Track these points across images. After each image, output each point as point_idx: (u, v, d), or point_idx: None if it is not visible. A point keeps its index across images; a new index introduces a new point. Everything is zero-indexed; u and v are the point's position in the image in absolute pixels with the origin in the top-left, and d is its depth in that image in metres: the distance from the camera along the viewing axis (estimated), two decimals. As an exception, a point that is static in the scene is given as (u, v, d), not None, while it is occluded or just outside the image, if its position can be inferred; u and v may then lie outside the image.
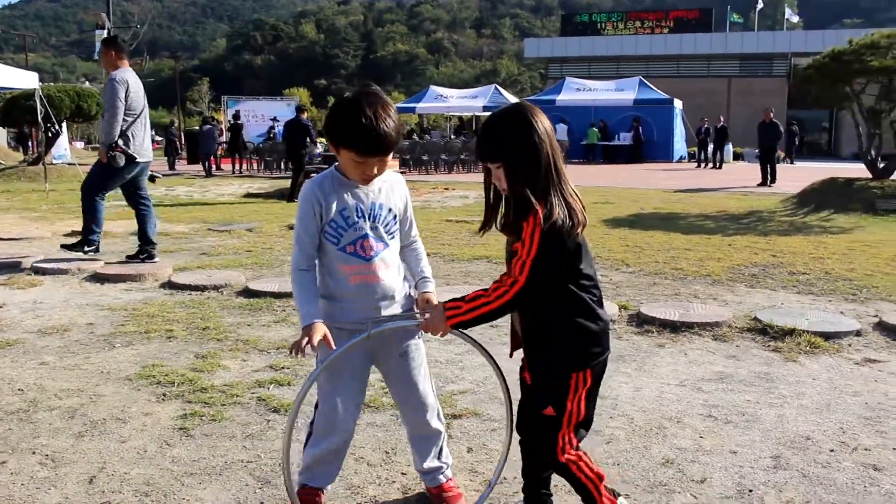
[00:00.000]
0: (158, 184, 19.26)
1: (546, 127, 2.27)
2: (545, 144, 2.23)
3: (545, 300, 2.23)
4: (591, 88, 34.06)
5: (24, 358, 4.49)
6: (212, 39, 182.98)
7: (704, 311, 5.41)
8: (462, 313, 2.25)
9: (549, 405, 2.29)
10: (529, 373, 2.36)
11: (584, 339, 2.27)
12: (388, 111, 2.38)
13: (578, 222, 2.21)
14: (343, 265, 2.46)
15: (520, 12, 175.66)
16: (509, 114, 2.29)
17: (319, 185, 2.47)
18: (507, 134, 2.25)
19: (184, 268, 7.22)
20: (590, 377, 2.29)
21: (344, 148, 2.37)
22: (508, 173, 2.23)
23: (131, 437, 3.30)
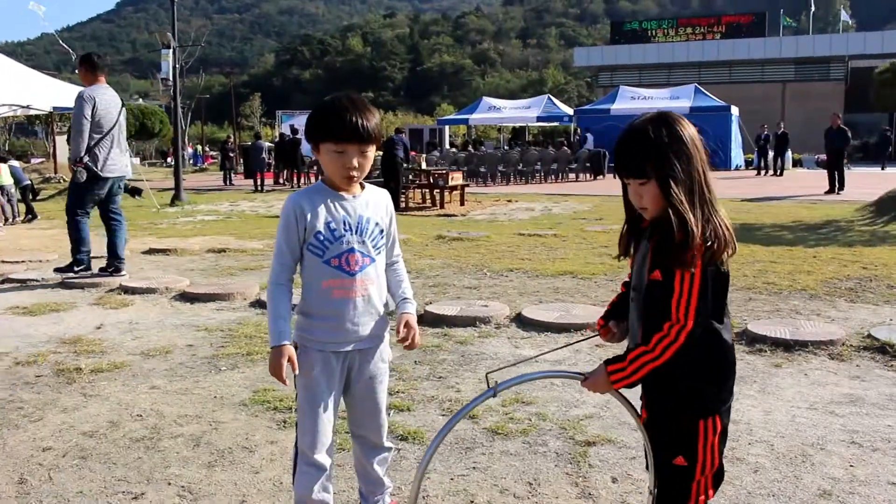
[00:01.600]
0: (224, 198, 19.58)
1: (696, 136, 2.03)
2: (698, 156, 2.00)
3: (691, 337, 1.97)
4: (645, 97, 33.67)
5: (135, 381, 4.53)
6: (260, 55, 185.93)
7: (814, 328, 5.24)
8: (627, 375, 2.02)
9: (679, 454, 2.06)
10: (647, 412, 2.16)
11: (717, 382, 2.05)
12: (365, 105, 2.40)
13: (734, 248, 1.99)
14: (327, 279, 2.40)
15: (565, 21, 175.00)
16: (658, 122, 2.02)
17: (306, 196, 2.43)
18: (659, 144, 1.98)
19: (269, 286, 7.25)
20: (719, 422, 2.05)
21: (323, 142, 2.36)
22: (664, 190, 1.96)
23: (263, 467, 3.28)
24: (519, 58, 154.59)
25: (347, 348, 2.46)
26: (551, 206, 16.10)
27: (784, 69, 48.95)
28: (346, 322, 2.43)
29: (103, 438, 3.62)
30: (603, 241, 10.24)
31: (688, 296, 1.92)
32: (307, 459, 2.47)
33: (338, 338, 2.43)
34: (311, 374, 2.43)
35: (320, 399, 2.44)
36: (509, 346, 5.21)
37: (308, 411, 2.45)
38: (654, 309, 2.00)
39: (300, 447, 2.49)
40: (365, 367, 2.52)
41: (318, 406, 2.44)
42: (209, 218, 14.64)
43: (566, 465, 3.21)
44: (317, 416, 2.45)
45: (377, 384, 2.56)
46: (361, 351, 2.49)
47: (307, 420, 2.46)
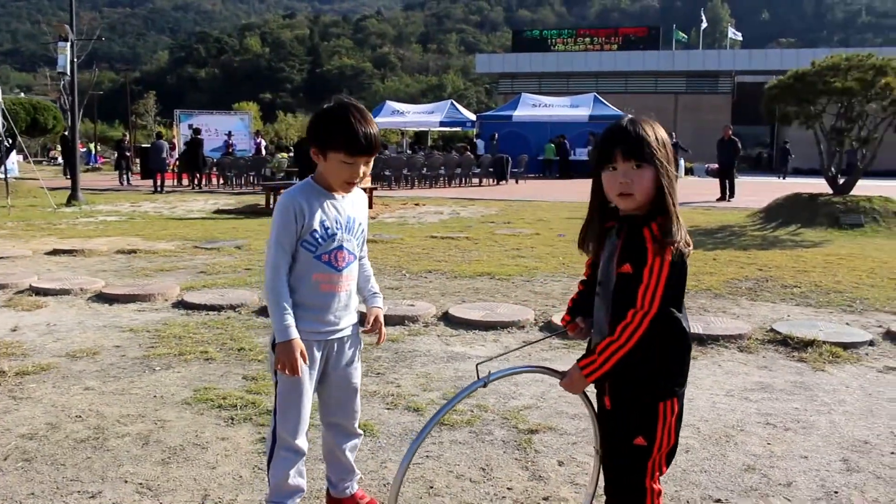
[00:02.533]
0: (124, 199, 18.97)
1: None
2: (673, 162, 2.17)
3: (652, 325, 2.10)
4: (546, 104, 34.56)
5: (66, 383, 4.44)
6: (153, 52, 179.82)
7: (723, 324, 5.63)
8: (599, 366, 2.15)
9: (639, 435, 2.20)
10: (610, 398, 2.27)
11: (675, 367, 2.21)
12: (370, 119, 2.54)
13: (691, 242, 2.16)
14: (316, 273, 2.55)
15: (465, 27, 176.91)
16: (651, 122, 2.18)
17: (302, 195, 2.55)
18: (660, 139, 2.15)
19: (190, 287, 7.17)
20: (677, 404, 2.22)
21: (333, 151, 2.48)
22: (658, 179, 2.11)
23: (219, 462, 3.31)
24: (419, 62, 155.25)
25: (329, 337, 2.60)
26: (459, 210, 16.36)
27: (676, 81, 51.19)
28: (331, 314, 2.58)
29: (45, 440, 3.57)
30: (513, 244, 10.55)
31: (655, 284, 2.06)
32: (287, 445, 2.57)
33: (322, 328, 2.57)
34: None
35: (304, 385, 2.55)
36: (440, 343, 5.37)
37: (293, 398, 2.56)
38: (623, 301, 2.14)
39: (280, 433, 2.58)
40: (342, 354, 2.65)
41: (302, 392, 2.56)
42: (111, 219, 14.19)
43: (514, 452, 3.40)
44: (301, 401, 2.56)
45: (353, 370, 2.70)
46: (340, 339, 2.64)
47: (292, 406, 2.56)
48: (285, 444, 2.58)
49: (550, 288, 7.29)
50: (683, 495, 2.98)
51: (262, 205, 16.90)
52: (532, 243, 10.56)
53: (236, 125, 35.34)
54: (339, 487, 2.79)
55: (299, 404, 2.57)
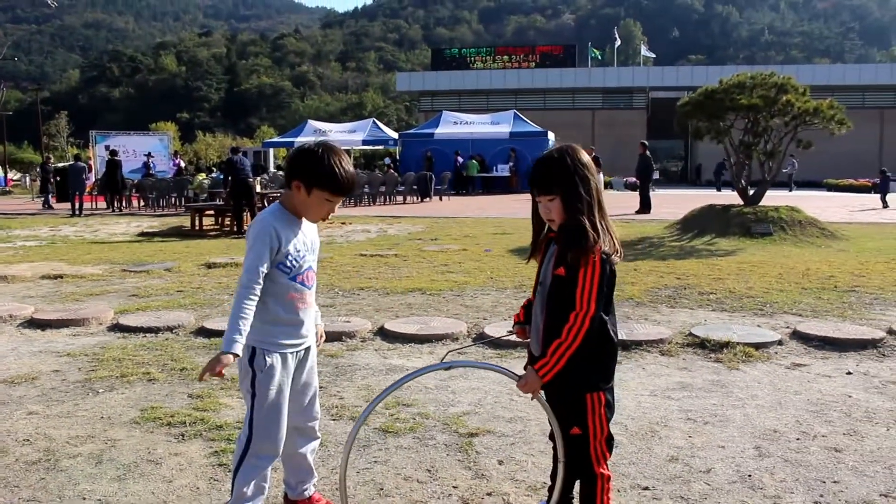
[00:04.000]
0: (41, 223, 18.47)
1: (591, 163, 2.54)
2: (593, 179, 2.50)
3: None
4: (467, 122, 35.14)
5: (7, 409, 4.45)
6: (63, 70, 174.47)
7: (645, 329, 5.99)
8: (552, 366, 2.42)
9: (573, 426, 2.51)
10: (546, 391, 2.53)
11: (600, 363, 2.50)
12: (349, 160, 2.78)
13: (620, 251, 2.50)
14: (292, 293, 2.79)
15: (384, 45, 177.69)
16: (563, 152, 2.52)
17: (276, 220, 2.75)
18: (564, 169, 2.47)
19: (124, 310, 7.16)
20: (604, 397, 2.51)
21: (318, 188, 2.70)
22: (567, 204, 2.46)
23: (174, 476, 3.42)
24: (338, 81, 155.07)
25: (299, 348, 2.83)
26: (386, 228, 16.55)
27: (593, 98, 52.72)
28: (302, 328, 2.82)
29: (-5, 464, 3.61)
30: (442, 259, 10.79)
31: (590, 287, 2.40)
32: (262, 453, 2.75)
33: (294, 340, 2.80)
34: (274, 374, 2.74)
35: (284, 395, 2.77)
36: (378, 357, 5.56)
37: (274, 407, 2.75)
38: (556, 298, 2.49)
39: (256, 442, 2.74)
40: (306, 360, 2.89)
41: (283, 401, 2.77)
42: (31, 244, 13.85)
43: (456, 454, 3.62)
44: (281, 411, 2.77)
45: (314, 374, 2.94)
46: (307, 348, 2.88)
47: (272, 415, 2.74)
48: (260, 452, 2.74)
49: (480, 301, 7.56)
50: (614, 485, 3.24)
51: (186, 226, 16.75)
52: (460, 259, 10.83)
53: (155, 146, 34.79)
54: (297, 490, 2.95)
55: (280, 413, 2.76)
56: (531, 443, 3.75)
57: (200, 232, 16.08)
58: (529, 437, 3.83)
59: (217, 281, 8.94)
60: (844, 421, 4.06)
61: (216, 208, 17.18)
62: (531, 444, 3.73)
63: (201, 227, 16.47)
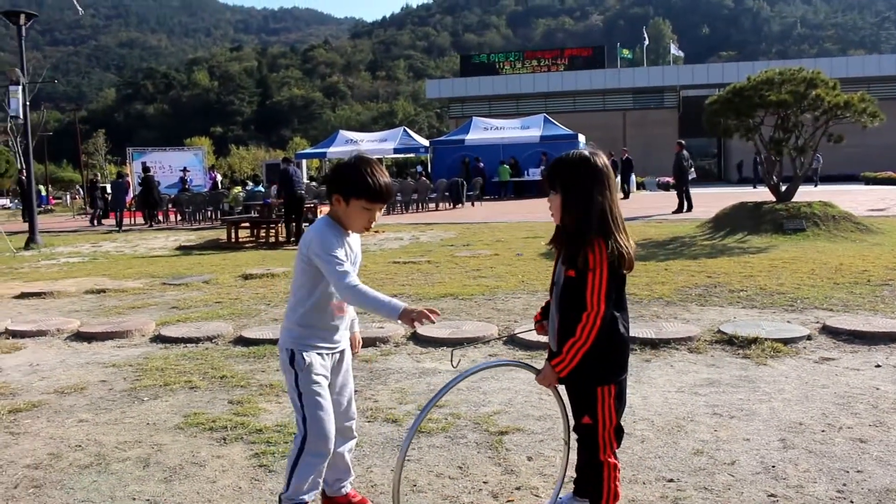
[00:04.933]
0: (83, 240, 18.96)
1: (606, 167, 2.59)
2: (604, 183, 2.54)
3: None
4: (498, 127, 35.25)
5: (59, 417, 4.67)
6: (99, 90, 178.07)
7: (674, 328, 6.05)
8: (567, 362, 2.57)
9: (585, 414, 2.67)
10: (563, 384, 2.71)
11: (610, 357, 2.62)
12: (384, 170, 2.89)
13: (629, 260, 2.58)
14: (334, 301, 2.93)
15: (413, 53, 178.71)
16: (579, 152, 2.61)
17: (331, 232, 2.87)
18: (570, 167, 2.58)
19: (165, 322, 7.39)
20: (614, 389, 2.64)
21: (355, 198, 2.83)
22: (566, 202, 2.57)
23: (218, 477, 3.59)
24: (369, 90, 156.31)
25: (334, 350, 2.98)
26: (418, 235, 16.72)
27: (623, 98, 52.50)
28: (337, 334, 2.98)
29: (50, 469, 3.81)
30: (474, 265, 10.91)
31: (598, 289, 2.51)
32: (317, 451, 2.87)
33: (328, 344, 2.95)
34: (315, 372, 2.88)
35: (326, 393, 2.91)
36: (411, 361, 5.70)
37: (322, 404, 2.88)
38: (567, 298, 2.61)
39: (311, 440, 2.86)
40: (342, 362, 3.04)
41: (327, 399, 2.91)
42: (74, 260, 14.25)
43: (487, 451, 3.74)
44: (327, 407, 2.90)
45: (350, 375, 3.09)
46: (342, 351, 3.03)
47: (322, 412, 2.87)
48: (315, 450, 2.86)
49: (512, 305, 7.66)
50: (640, 477, 3.35)
51: (223, 239, 17.08)
52: (492, 263, 10.94)
53: (190, 160, 35.38)
54: (334, 487, 3.09)
55: (327, 409, 2.89)
56: (559, 439, 3.85)
57: (237, 244, 16.40)
58: (558, 433, 3.93)
59: (254, 292, 9.16)
60: (871, 412, 4.11)
61: (252, 220, 17.49)
62: (559, 441, 3.83)
63: (237, 239, 16.79)
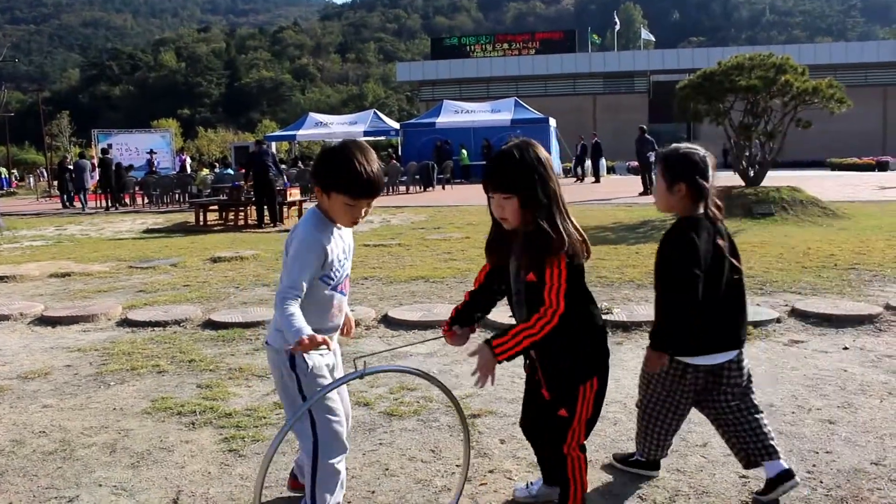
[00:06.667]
0: (47, 223, 18.60)
1: (549, 159, 2.48)
2: (552, 178, 2.44)
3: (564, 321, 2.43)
4: (469, 110, 35.17)
5: (23, 403, 4.57)
6: (62, 70, 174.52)
7: (646, 311, 6.07)
8: (510, 347, 2.42)
9: (562, 408, 2.56)
10: (546, 390, 2.58)
11: (591, 352, 2.56)
12: (373, 158, 2.61)
13: (586, 250, 2.48)
14: (332, 302, 2.73)
15: (383, 36, 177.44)
16: (523, 148, 2.44)
17: (322, 233, 2.63)
18: (524, 167, 2.40)
19: (132, 305, 7.27)
20: (596, 383, 2.58)
21: (335, 192, 2.57)
22: (525, 206, 2.40)
23: (187, 462, 3.53)
24: (338, 73, 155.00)
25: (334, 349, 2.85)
26: (389, 218, 16.63)
27: (594, 83, 52.62)
28: (335, 333, 2.81)
29: (12, 456, 3.72)
30: (445, 248, 10.88)
31: (557, 285, 2.40)
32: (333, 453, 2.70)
33: (333, 345, 2.77)
34: (318, 374, 2.70)
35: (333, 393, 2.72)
36: (383, 344, 5.66)
37: (330, 407, 2.70)
38: (535, 304, 2.45)
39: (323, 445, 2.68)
40: (338, 359, 2.92)
41: (335, 399, 2.73)
42: (37, 243, 13.97)
43: (459, 434, 3.71)
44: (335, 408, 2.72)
45: (341, 369, 2.95)
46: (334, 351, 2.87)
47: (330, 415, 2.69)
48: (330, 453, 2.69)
49: (484, 287, 7.63)
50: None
51: (191, 222, 16.87)
52: (463, 247, 10.91)
53: (158, 143, 34.93)
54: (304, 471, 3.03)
55: (335, 410, 2.72)
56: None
57: (205, 227, 16.19)
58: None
59: (223, 275, 9.05)
60: (839, 394, 4.15)
61: (220, 203, 17.28)
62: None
63: (206, 222, 16.59)
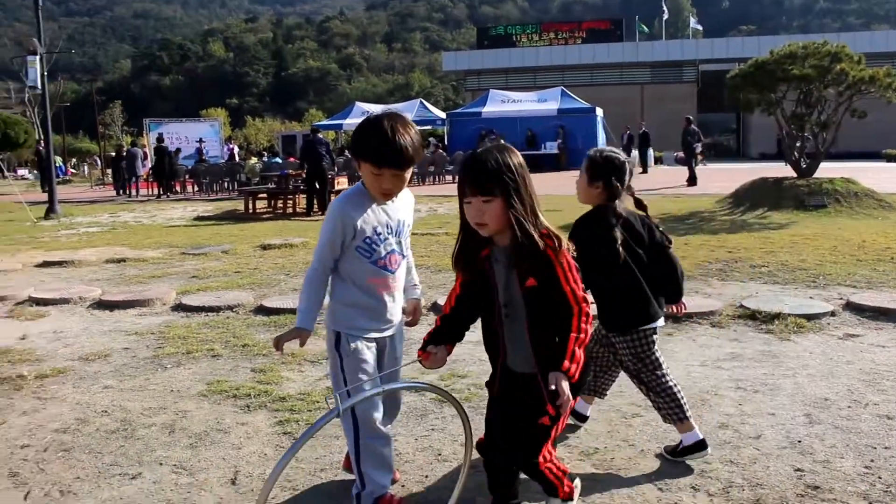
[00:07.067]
0: (101, 210, 19.05)
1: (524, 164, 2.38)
2: (530, 180, 2.36)
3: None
4: (515, 100, 34.99)
5: (85, 383, 4.71)
6: (115, 61, 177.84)
7: (696, 302, 6.02)
8: (578, 361, 2.29)
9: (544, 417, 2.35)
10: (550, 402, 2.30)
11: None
12: (408, 129, 2.58)
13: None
14: (373, 278, 2.70)
15: (429, 26, 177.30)
16: (500, 151, 2.35)
17: (349, 202, 2.67)
18: (507, 169, 2.30)
19: (186, 291, 7.42)
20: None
21: (363, 161, 2.60)
22: (509, 206, 2.28)
23: (243, 444, 3.62)
24: (384, 62, 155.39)
25: (384, 334, 2.79)
26: (436, 207, 16.67)
27: (641, 72, 51.95)
28: (385, 312, 2.76)
29: (77, 433, 3.85)
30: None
31: (573, 275, 2.33)
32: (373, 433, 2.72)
33: (378, 325, 2.75)
34: (360, 357, 2.71)
35: (373, 374, 2.72)
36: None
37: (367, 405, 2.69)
38: (537, 309, 2.36)
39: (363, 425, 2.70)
40: (393, 349, 2.87)
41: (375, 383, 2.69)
42: (93, 230, 14.33)
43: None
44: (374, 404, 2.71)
45: (400, 364, 2.92)
46: (392, 336, 2.83)
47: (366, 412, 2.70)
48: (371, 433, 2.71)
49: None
50: (666, 450, 3.34)
51: (240, 210, 17.13)
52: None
53: (207, 132, 35.42)
54: None
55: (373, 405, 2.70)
56: (583, 411, 3.85)
57: (254, 215, 16.43)
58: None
59: (273, 262, 9.18)
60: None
61: (269, 191, 17.51)
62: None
63: (255, 210, 16.83)
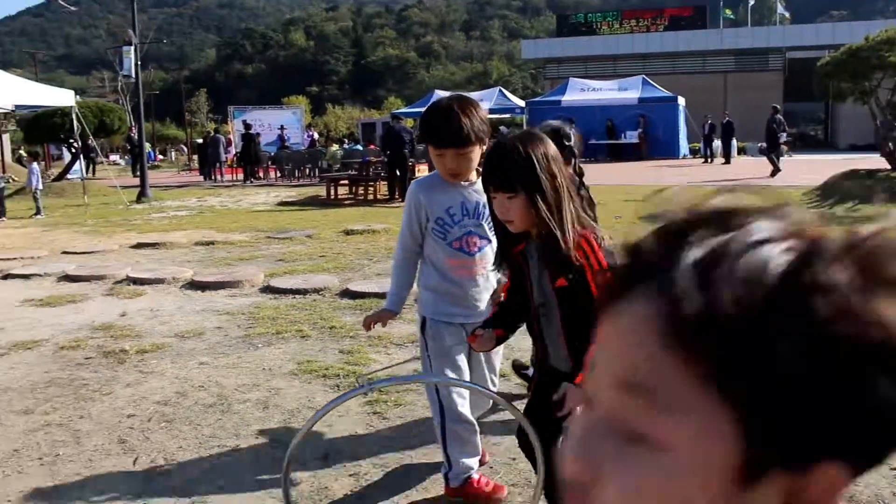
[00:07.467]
0: (189, 194, 19.71)
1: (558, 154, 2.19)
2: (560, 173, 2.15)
3: None
4: (595, 88, 34.57)
5: (182, 359, 4.93)
6: (200, 50, 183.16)
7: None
8: None
9: None
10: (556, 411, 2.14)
11: None
12: (470, 110, 2.53)
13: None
14: (449, 259, 2.71)
15: (508, 13, 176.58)
16: (526, 140, 2.16)
17: (422, 186, 2.75)
18: (528, 163, 2.10)
19: (273, 273, 7.65)
20: None
21: (427, 143, 2.66)
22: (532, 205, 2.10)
23: (334, 422, 3.73)
24: (463, 50, 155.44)
25: (471, 320, 2.67)
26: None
27: (725, 60, 50.51)
28: (469, 298, 2.73)
29: (178, 406, 4.04)
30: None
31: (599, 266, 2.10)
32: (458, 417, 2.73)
33: (463, 311, 2.73)
34: (444, 343, 2.73)
35: (456, 362, 2.73)
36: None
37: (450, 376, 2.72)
38: (570, 307, 2.17)
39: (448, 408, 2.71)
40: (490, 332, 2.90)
41: (458, 368, 2.73)
42: (182, 213, 14.84)
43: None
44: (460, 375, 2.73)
45: (493, 354, 2.91)
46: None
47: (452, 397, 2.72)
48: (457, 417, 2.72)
49: (613, 267, 7.59)
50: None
51: (322, 196, 17.45)
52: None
53: (288, 119, 36.07)
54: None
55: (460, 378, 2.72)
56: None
57: (336, 201, 16.73)
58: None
59: (356, 247, 9.36)
60: None
61: (351, 178, 17.79)
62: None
63: (336, 196, 17.13)
